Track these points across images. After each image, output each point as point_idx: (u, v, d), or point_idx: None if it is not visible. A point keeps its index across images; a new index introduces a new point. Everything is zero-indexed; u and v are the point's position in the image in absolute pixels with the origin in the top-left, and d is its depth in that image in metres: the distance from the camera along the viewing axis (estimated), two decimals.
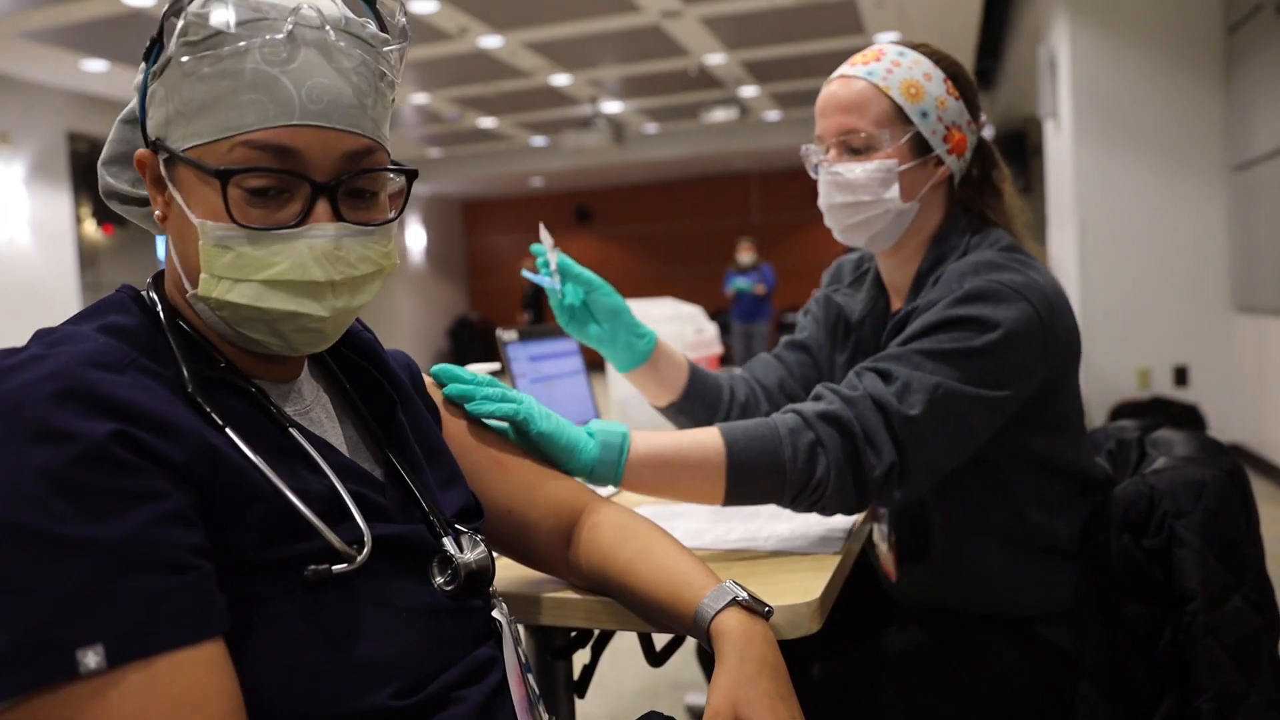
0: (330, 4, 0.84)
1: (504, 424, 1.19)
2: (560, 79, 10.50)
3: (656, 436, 1.27)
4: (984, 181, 1.57)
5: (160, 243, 0.92)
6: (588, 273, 1.52)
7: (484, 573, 0.93)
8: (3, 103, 9.39)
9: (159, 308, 0.87)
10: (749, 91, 11.71)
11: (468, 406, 1.16)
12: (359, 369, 1.01)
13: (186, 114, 0.81)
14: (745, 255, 11.22)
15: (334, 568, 0.79)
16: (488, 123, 12.87)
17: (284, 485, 0.78)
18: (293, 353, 0.88)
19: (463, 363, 1.46)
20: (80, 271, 10.44)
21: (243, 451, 0.78)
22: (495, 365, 1.31)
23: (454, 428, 1.14)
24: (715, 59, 10.02)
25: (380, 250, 0.88)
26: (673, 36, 9.12)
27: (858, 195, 1.48)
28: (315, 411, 0.94)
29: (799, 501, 1.28)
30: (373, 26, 0.87)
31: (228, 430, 0.79)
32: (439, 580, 0.90)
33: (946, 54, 1.54)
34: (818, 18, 8.63)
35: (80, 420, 0.68)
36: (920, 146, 1.48)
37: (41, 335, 0.78)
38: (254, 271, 0.81)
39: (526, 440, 1.19)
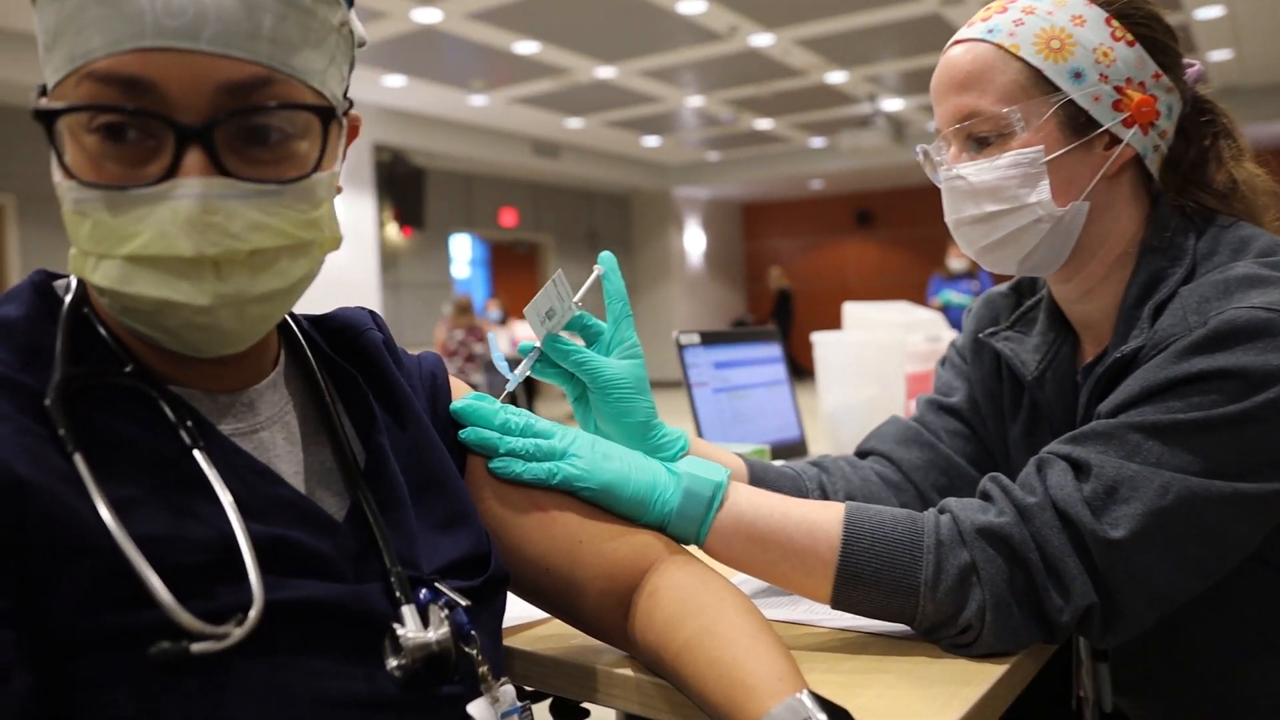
0: None
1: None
2: (836, 76, 10.17)
3: (763, 499, 0.97)
4: (1202, 159, 1.12)
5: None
6: (594, 360, 1.01)
7: (446, 655, 0.71)
8: None
9: (69, 296, 0.72)
10: None
11: (489, 465, 0.92)
12: (350, 378, 0.84)
13: (48, 48, 0.65)
14: (957, 260, 8.54)
15: (193, 646, 0.60)
16: (764, 124, 12.72)
17: (120, 531, 0.60)
18: (195, 354, 0.70)
19: None
20: (381, 271, 11.31)
21: (82, 488, 0.61)
22: (533, 354, 1.02)
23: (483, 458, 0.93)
24: None
25: (293, 216, 0.67)
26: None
27: (990, 203, 1.09)
28: (271, 430, 0.76)
29: (938, 639, 0.94)
30: None
31: (75, 457, 0.62)
32: (392, 662, 0.69)
33: None
34: None
35: None
36: (1077, 122, 1.06)
37: None
38: (114, 245, 0.64)
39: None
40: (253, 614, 0.62)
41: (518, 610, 1.02)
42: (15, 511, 0.59)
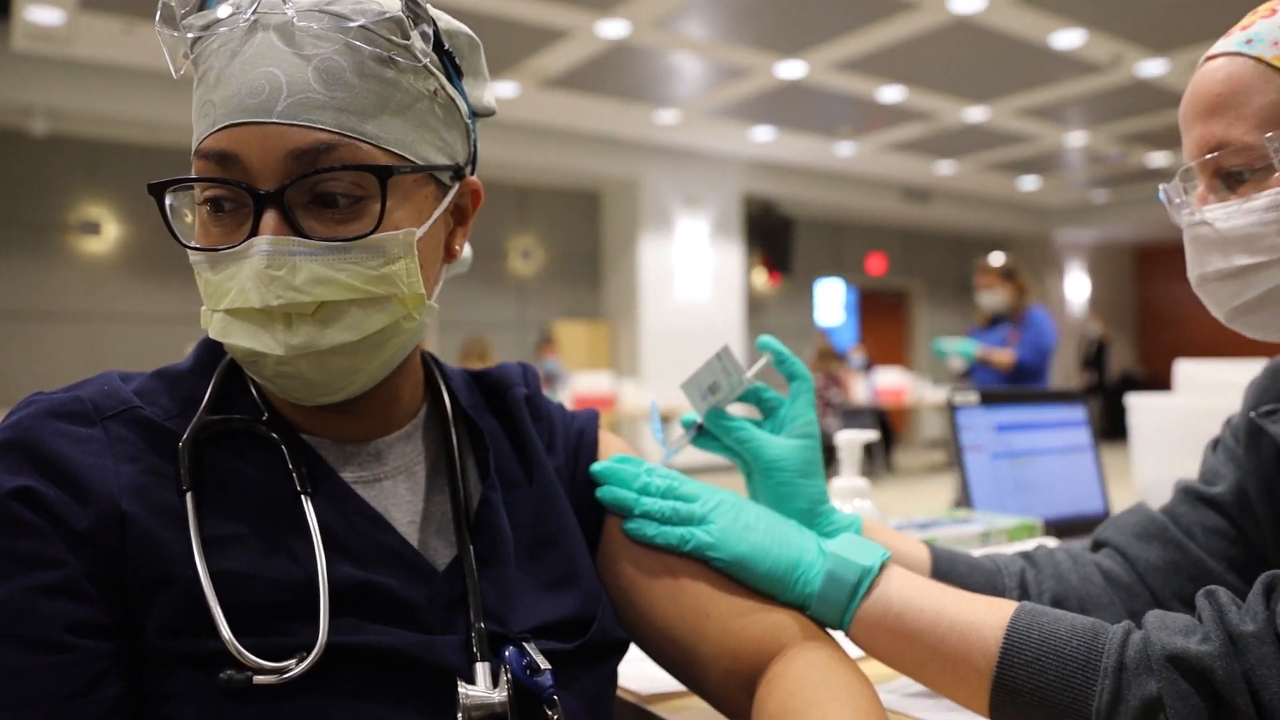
0: None
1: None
2: None
3: (921, 590, 0.84)
4: None
5: None
6: (758, 439, 0.95)
7: (505, 717, 0.70)
8: (693, 171, 10.89)
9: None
10: None
11: (623, 526, 0.89)
12: (480, 433, 0.86)
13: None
14: (988, 295, 5.41)
15: (255, 677, 0.65)
16: (1158, 159, 11.67)
17: (203, 569, 0.66)
18: (300, 403, 0.75)
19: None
20: (748, 316, 11.64)
21: (184, 524, 0.68)
22: (692, 428, 0.97)
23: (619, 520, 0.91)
24: None
25: (361, 272, 0.70)
26: None
27: (1241, 255, 0.89)
28: (395, 479, 0.80)
29: None
30: (369, 2, 0.71)
31: (187, 496, 0.69)
32: (459, 718, 0.70)
33: None
34: None
35: (6, 473, 0.65)
36: None
37: (88, 381, 0.76)
38: (217, 301, 0.71)
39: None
40: (313, 654, 0.66)
41: (669, 678, 0.96)
42: (118, 541, 0.66)
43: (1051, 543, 1.49)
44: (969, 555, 1.08)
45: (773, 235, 12.26)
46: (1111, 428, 11.44)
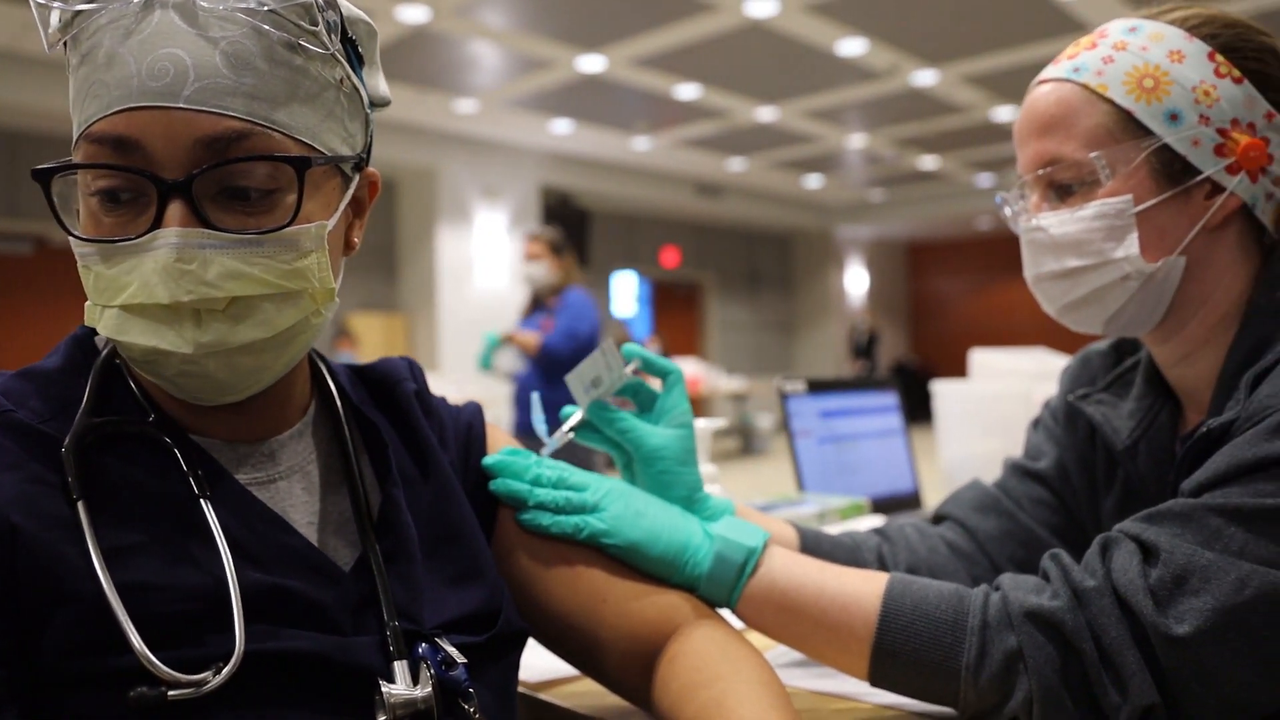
0: None
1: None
2: (1002, 113, 9.94)
3: (801, 567, 0.91)
4: None
5: None
6: (639, 429, 0.97)
7: (430, 713, 0.70)
8: (492, 162, 10.81)
9: (107, 348, 0.75)
10: None
11: (517, 517, 0.91)
12: (375, 428, 0.85)
13: (72, 117, 0.69)
14: (534, 266, 4.89)
15: (170, 693, 0.61)
16: (929, 162, 12.53)
17: (105, 577, 0.61)
18: (199, 402, 0.72)
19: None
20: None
21: (79, 535, 0.63)
22: (574, 418, 0.99)
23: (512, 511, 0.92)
24: None
25: (274, 266, 0.67)
26: None
27: (1072, 258, 1.00)
28: (290, 480, 0.78)
29: None
30: None
31: (79, 505, 0.64)
32: (381, 718, 0.68)
33: (1222, 14, 0.98)
34: None
35: None
36: (1172, 169, 0.96)
37: None
38: (111, 296, 0.66)
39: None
40: (230, 664, 0.63)
41: (560, 664, 1.01)
42: (7, 557, 0.61)
43: (878, 520, 1.62)
44: (829, 534, 1.17)
45: (569, 227, 12.34)
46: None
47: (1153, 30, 0.99)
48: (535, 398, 1.07)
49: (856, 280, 17.51)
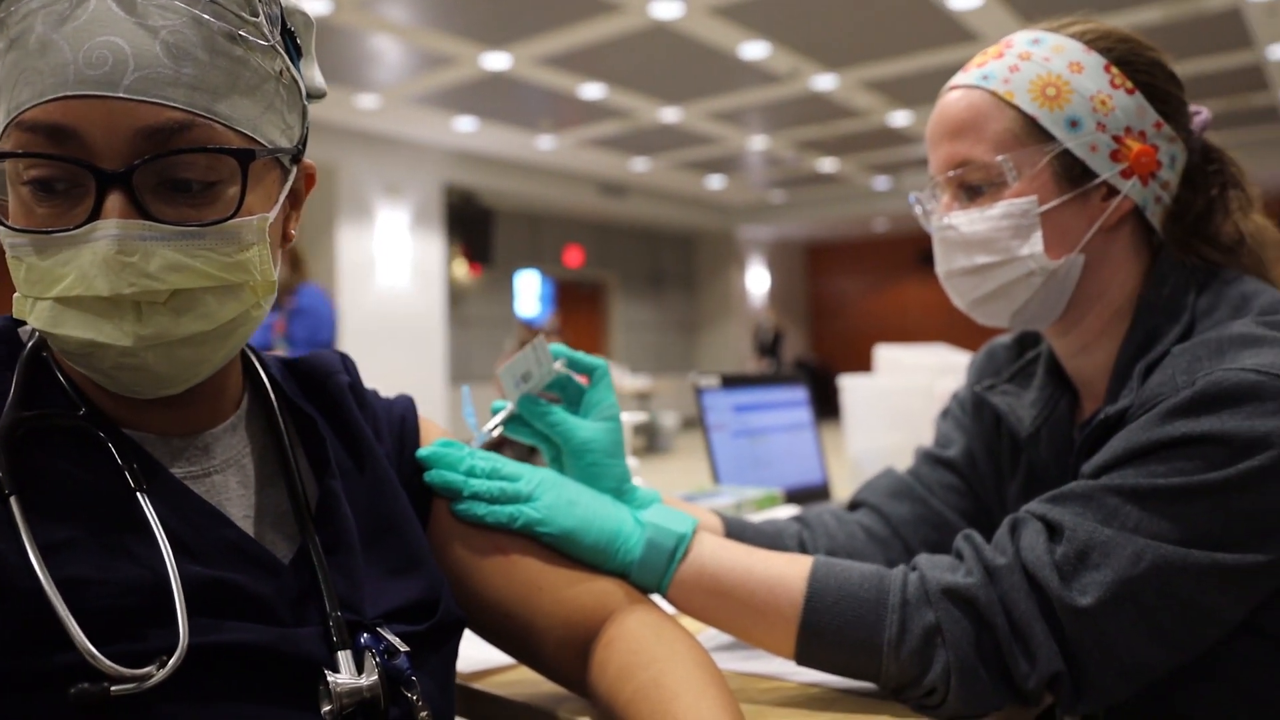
0: None
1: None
2: (899, 117, 10.22)
3: (729, 552, 0.95)
4: (1209, 210, 1.07)
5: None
6: (568, 422, 1.00)
7: (377, 702, 0.70)
8: (394, 159, 10.66)
9: (32, 341, 0.73)
10: None
11: (453, 507, 0.92)
12: (310, 421, 0.84)
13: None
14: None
15: (113, 688, 0.60)
16: (828, 165, 12.79)
17: (43, 573, 0.60)
18: (134, 396, 0.71)
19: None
20: (449, 308, 11.57)
21: (14, 531, 0.62)
22: (505, 411, 1.02)
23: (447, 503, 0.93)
24: None
25: (216, 259, 0.67)
26: None
27: (981, 255, 1.06)
28: (225, 473, 0.77)
29: (905, 699, 0.92)
30: None
31: (11, 500, 0.63)
32: (325, 708, 0.67)
33: (1116, 30, 1.06)
34: (1196, 33, 7.76)
35: None
36: (1073, 172, 1.03)
37: None
38: (45, 288, 0.65)
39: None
40: (174, 657, 0.62)
41: (492, 654, 1.03)
42: None
43: (792, 510, 1.67)
44: (752, 521, 1.22)
45: (473, 226, 12.24)
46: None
47: (1054, 42, 1.06)
48: (465, 391, 1.08)
49: (758, 280, 17.78)
